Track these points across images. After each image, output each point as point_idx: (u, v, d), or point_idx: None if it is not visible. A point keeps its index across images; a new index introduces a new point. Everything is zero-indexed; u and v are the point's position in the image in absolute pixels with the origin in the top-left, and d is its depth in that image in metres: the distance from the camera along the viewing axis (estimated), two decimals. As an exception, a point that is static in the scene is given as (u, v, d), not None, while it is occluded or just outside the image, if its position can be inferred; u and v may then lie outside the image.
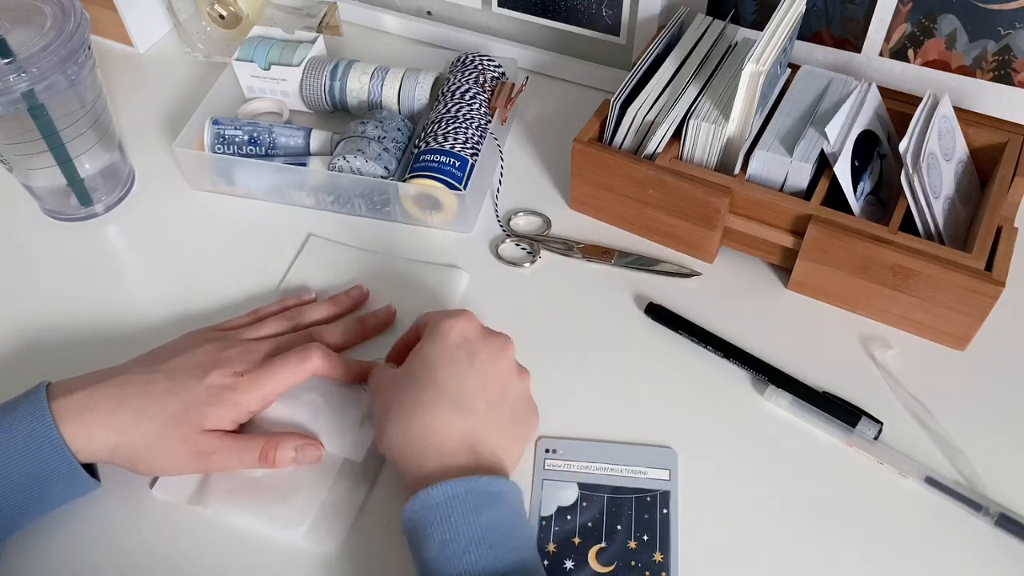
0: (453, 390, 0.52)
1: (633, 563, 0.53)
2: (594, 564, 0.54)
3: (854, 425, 0.58)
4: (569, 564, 0.53)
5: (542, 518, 0.55)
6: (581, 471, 0.57)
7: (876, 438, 0.58)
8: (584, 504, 0.56)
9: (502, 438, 0.53)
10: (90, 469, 0.54)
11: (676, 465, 0.57)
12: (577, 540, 0.55)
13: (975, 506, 0.55)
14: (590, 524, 0.55)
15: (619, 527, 0.55)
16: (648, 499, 0.56)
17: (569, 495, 0.56)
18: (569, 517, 0.55)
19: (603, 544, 0.54)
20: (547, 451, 0.58)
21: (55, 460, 0.51)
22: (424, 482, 0.48)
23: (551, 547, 0.54)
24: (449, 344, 0.53)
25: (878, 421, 0.58)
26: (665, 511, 0.55)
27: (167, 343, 0.59)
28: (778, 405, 0.60)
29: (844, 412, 0.59)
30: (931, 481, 0.56)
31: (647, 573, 0.53)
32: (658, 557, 0.54)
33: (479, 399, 0.52)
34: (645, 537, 0.54)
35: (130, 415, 0.52)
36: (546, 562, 0.53)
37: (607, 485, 0.57)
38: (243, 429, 0.57)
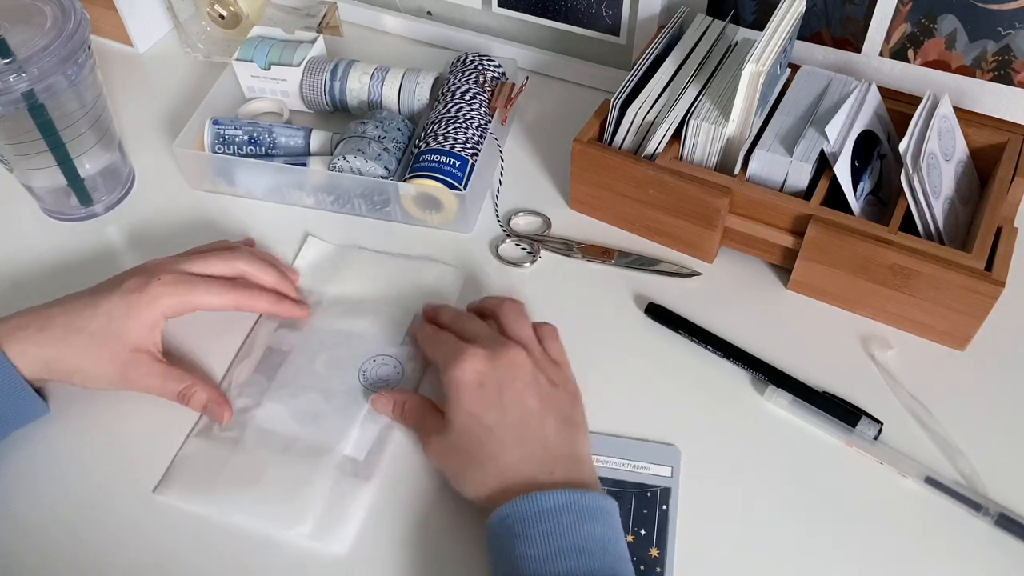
0: (507, 431, 0.52)
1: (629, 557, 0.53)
2: None
3: (854, 425, 0.58)
4: None
5: None
6: None
7: (876, 438, 0.58)
8: None
9: (567, 443, 0.53)
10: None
11: (679, 462, 0.57)
12: None
13: (975, 506, 0.55)
14: None
15: None
16: (648, 494, 0.56)
17: None
18: None
19: None
20: None
21: None
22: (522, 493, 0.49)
23: None
24: (471, 392, 0.53)
25: (878, 421, 0.58)
26: (664, 507, 0.55)
27: None
28: (778, 405, 0.60)
29: (844, 412, 0.59)
30: (931, 481, 0.56)
31: (642, 567, 0.53)
32: (654, 552, 0.54)
33: (531, 422, 0.53)
34: (643, 531, 0.54)
35: (59, 331, 0.56)
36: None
37: (608, 478, 0.57)
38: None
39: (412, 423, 0.58)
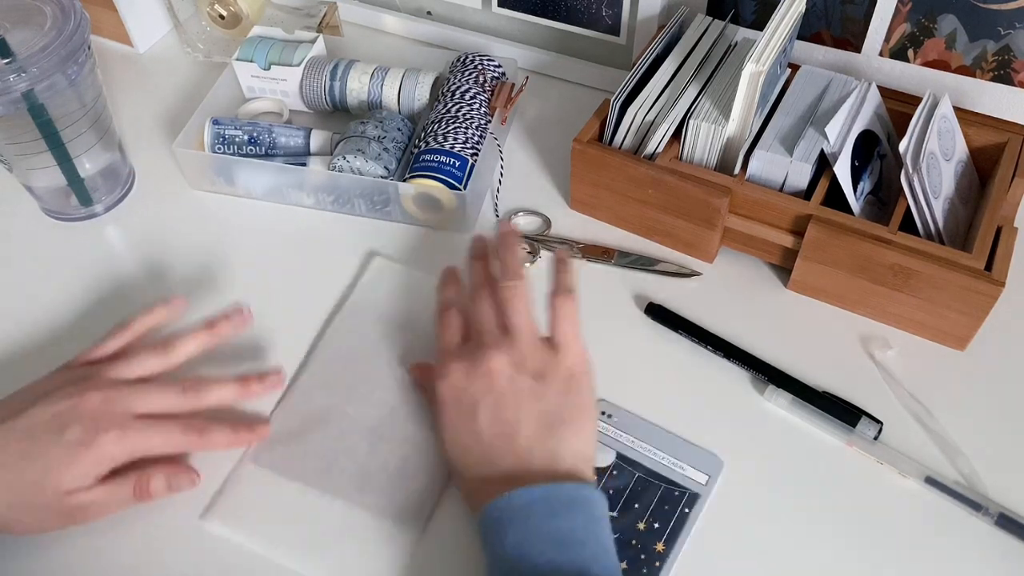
0: (483, 447, 0.53)
1: (633, 542, 0.54)
2: None
3: (854, 425, 0.58)
4: None
5: None
6: (626, 442, 0.58)
7: (876, 438, 0.58)
8: (615, 472, 0.57)
9: (546, 442, 0.53)
10: None
11: (719, 474, 0.57)
12: None
13: (975, 506, 0.55)
14: (611, 492, 0.56)
15: (637, 505, 0.55)
16: (676, 493, 0.56)
17: (605, 458, 0.58)
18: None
19: (615, 514, 0.55)
20: (603, 413, 0.60)
21: None
22: (505, 489, 0.50)
23: None
24: (451, 408, 0.55)
25: (878, 421, 0.58)
26: (687, 511, 0.55)
27: (38, 380, 0.55)
28: (778, 405, 0.60)
29: (844, 412, 0.59)
30: (931, 481, 0.56)
31: (643, 556, 0.53)
32: (660, 547, 0.54)
33: (506, 432, 0.53)
34: (656, 524, 0.55)
35: None
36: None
37: (644, 465, 0.57)
38: None
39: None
